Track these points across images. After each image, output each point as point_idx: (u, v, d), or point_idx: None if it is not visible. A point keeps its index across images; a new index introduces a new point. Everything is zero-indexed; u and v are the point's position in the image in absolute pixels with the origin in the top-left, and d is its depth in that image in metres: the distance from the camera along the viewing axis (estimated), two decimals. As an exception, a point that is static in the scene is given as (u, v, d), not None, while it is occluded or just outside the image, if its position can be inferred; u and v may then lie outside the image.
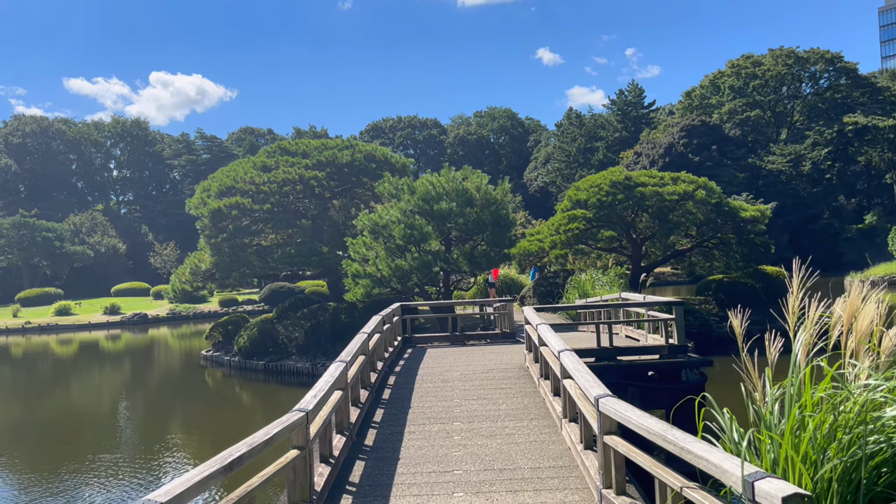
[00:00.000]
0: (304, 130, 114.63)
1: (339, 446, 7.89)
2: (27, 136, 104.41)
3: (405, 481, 7.27)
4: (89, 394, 27.49)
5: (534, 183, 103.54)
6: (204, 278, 29.74)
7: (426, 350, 16.68)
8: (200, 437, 18.81)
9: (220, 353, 30.34)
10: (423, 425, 9.46)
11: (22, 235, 79.34)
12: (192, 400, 24.66)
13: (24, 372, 34.84)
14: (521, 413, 9.94)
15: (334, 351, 26.21)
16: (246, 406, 23.48)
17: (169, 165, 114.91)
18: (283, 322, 29.10)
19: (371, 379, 11.25)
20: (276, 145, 32.95)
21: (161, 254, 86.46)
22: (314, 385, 7.36)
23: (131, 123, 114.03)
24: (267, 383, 25.80)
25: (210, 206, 27.31)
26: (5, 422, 22.10)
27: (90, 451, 16.88)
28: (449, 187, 25.01)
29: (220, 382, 27.23)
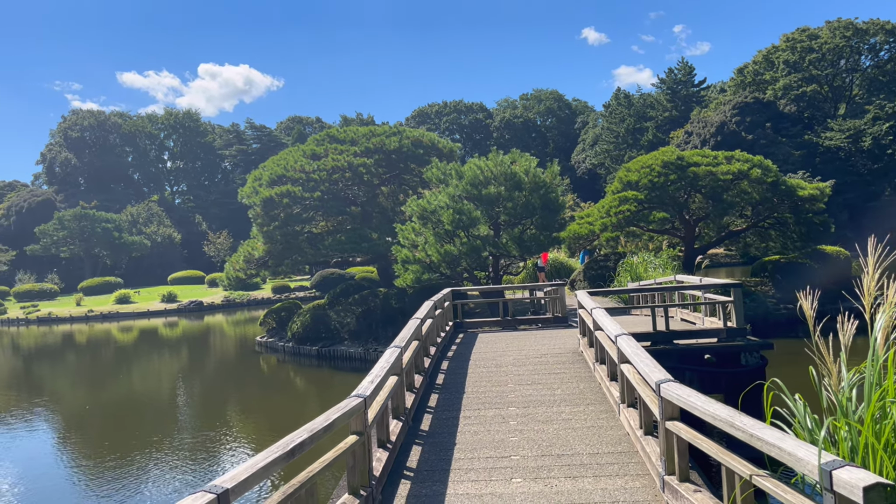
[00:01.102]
0: (350, 118, 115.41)
1: (396, 431, 7.93)
2: (85, 130, 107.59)
3: (462, 466, 7.26)
4: (149, 379, 28.30)
5: (581, 165, 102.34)
6: (257, 266, 30.27)
7: (477, 335, 16.66)
8: (257, 421, 19.18)
9: (274, 339, 30.90)
10: (478, 410, 9.44)
11: (83, 227, 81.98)
12: (247, 385, 25.18)
13: (88, 358, 36.08)
14: (576, 398, 9.84)
15: (385, 336, 26.46)
16: (300, 391, 23.85)
17: (220, 156, 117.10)
18: (335, 308, 29.45)
19: (424, 364, 11.28)
20: (325, 133, 33.21)
21: (214, 242, 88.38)
22: (370, 370, 7.40)
23: (183, 115, 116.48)
24: (320, 368, 26.17)
25: (262, 194, 27.71)
26: (72, 406, 22.92)
27: (152, 434, 17.41)
28: (497, 171, 24.83)
29: (275, 368, 27.71)
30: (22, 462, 15.54)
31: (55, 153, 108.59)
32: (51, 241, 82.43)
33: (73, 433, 19.05)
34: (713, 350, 13.23)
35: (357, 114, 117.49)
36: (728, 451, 5.08)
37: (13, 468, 14.96)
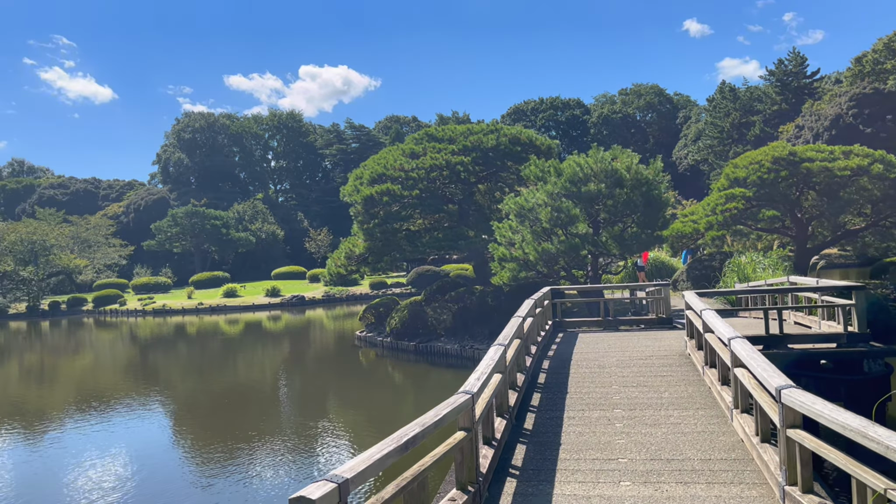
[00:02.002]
0: (446, 116, 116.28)
1: (500, 429, 7.92)
2: (196, 132, 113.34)
3: (568, 467, 7.18)
4: (254, 370, 29.48)
5: (683, 161, 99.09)
6: (357, 262, 31.00)
7: (577, 335, 16.43)
8: (356, 413, 19.63)
9: (373, 334, 31.56)
10: (583, 411, 9.31)
11: (194, 223, 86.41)
12: (346, 378, 25.82)
13: (198, 349, 37.99)
14: (685, 402, 9.54)
15: (481, 333, 26.54)
16: (398, 385, 24.24)
17: (321, 155, 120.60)
18: (432, 305, 29.77)
19: (526, 363, 11.22)
20: (423, 132, 33.61)
21: (315, 239, 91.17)
22: (469, 367, 7.43)
23: (286, 116, 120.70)
24: (417, 364, 26.51)
25: (362, 192, 28.36)
26: (183, 394, 24.18)
27: (257, 422, 18.13)
28: (597, 168, 24.39)
29: (374, 362, 28.28)
30: (139, 445, 16.51)
31: (169, 154, 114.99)
32: (165, 237, 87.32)
33: (184, 419, 20.08)
34: (831, 356, 12.53)
35: (453, 112, 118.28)
36: (859, 462, 4.79)
37: (131, 451, 15.93)
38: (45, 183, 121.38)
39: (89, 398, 23.16)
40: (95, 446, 16.21)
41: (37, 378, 29.97)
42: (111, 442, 16.72)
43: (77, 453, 15.63)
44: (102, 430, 18.03)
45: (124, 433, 17.82)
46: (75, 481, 13.34)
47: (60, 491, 12.79)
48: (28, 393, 25.80)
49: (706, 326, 10.21)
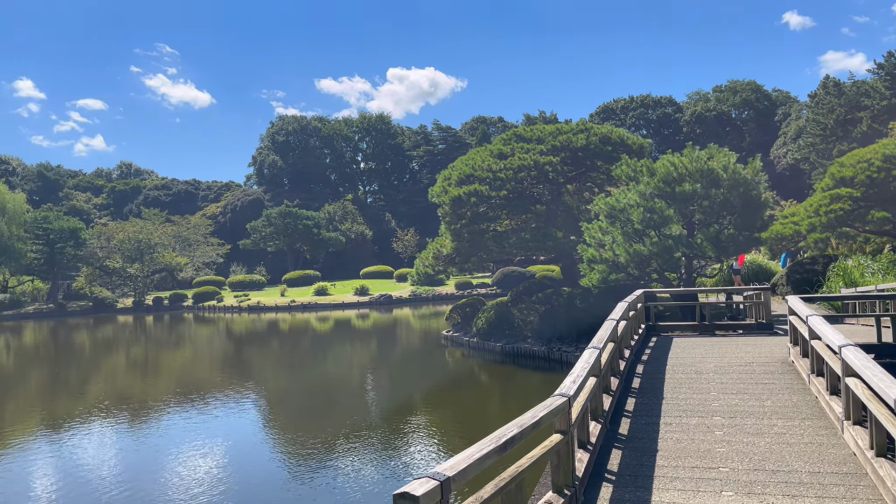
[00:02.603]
0: (533, 116, 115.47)
1: (595, 433, 7.79)
2: (290, 135, 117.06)
3: (666, 474, 6.98)
4: (342, 366, 30.14)
5: (782, 160, 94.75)
6: (445, 262, 31.22)
7: (672, 339, 15.97)
8: (443, 412, 19.75)
9: (459, 334, 31.70)
10: (680, 417, 9.03)
11: (287, 223, 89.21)
12: (433, 376, 26.02)
13: (290, 345, 39.19)
14: (789, 411, 9.10)
15: (569, 336, 26.21)
16: (484, 386, 24.23)
17: (408, 156, 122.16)
18: (518, 306, 29.64)
19: (620, 367, 10.99)
20: (511, 132, 33.50)
21: (402, 239, 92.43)
22: (556, 369, 7.34)
23: (376, 118, 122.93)
24: (503, 365, 26.44)
25: (450, 193, 28.52)
26: (276, 388, 24.97)
27: (345, 418, 18.50)
28: (692, 168, 23.65)
29: (460, 362, 28.40)
30: (234, 437, 17.16)
31: (264, 156, 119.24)
32: (259, 237, 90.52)
33: (277, 413, 20.73)
34: (952, 367, 11.67)
35: (540, 112, 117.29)
36: None
37: (228, 442, 16.57)
38: (150, 184, 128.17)
39: (188, 390, 24.27)
40: (194, 436, 16.96)
41: (142, 369, 31.65)
42: (208, 433, 17.45)
43: (178, 443, 16.39)
44: (200, 421, 18.85)
45: (220, 424, 18.56)
46: (176, 470, 14.00)
47: (162, 479, 13.43)
48: (134, 383, 27.27)
49: (812, 333, 9.72)
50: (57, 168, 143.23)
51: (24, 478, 13.99)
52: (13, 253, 72.05)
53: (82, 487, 12.96)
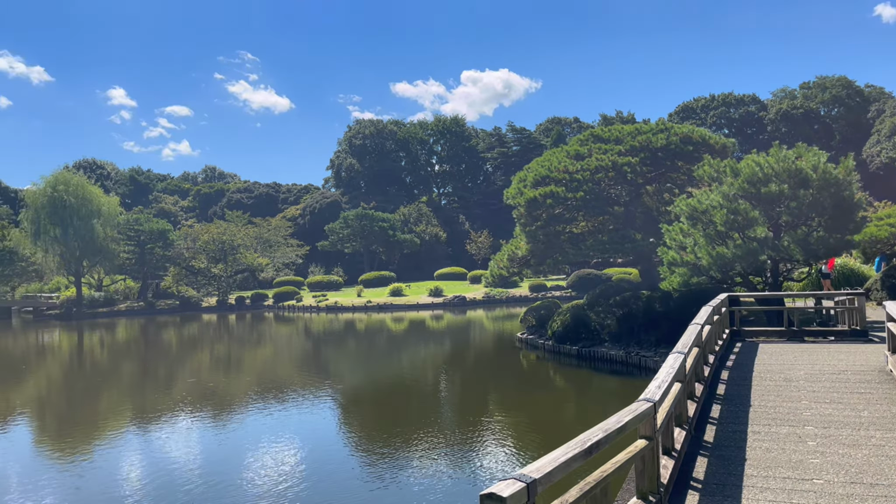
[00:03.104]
0: (610, 116, 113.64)
1: (680, 440, 7.59)
2: (366, 138, 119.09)
3: (756, 484, 6.73)
4: (417, 366, 30.36)
5: (875, 159, 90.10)
6: (520, 264, 31.08)
7: (758, 345, 15.41)
8: (517, 414, 19.61)
9: (534, 337, 31.47)
10: (768, 426, 8.70)
11: (363, 225, 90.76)
12: (507, 379, 25.91)
13: (366, 344, 39.79)
14: (889, 422, 8.64)
15: (647, 340, 25.64)
16: (559, 389, 23.97)
17: (482, 158, 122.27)
18: (595, 309, 29.19)
19: (704, 373, 10.68)
20: (588, 133, 33.07)
21: (476, 241, 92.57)
22: (655, 375, 7.17)
23: (450, 121, 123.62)
24: (579, 368, 26.09)
25: (526, 195, 28.38)
26: (352, 387, 25.37)
27: (419, 418, 18.64)
28: (779, 168, 22.73)
29: (534, 365, 28.19)
30: (313, 434, 17.52)
31: (341, 159, 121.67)
32: (337, 238, 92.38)
33: (352, 411, 21.05)
34: None
35: (616, 112, 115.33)
36: None
37: (306, 439, 16.94)
38: (233, 187, 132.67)
39: (268, 387, 24.96)
40: (273, 432, 17.42)
41: (224, 366, 32.76)
42: (287, 429, 17.89)
43: (258, 438, 16.87)
44: (279, 417, 19.35)
45: (298, 421, 18.98)
46: (257, 465, 14.41)
47: (244, 473, 13.84)
48: (217, 379, 28.26)
49: (915, 341, 9.21)
50: (147, 172, 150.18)
51: (115, 468, 14.70)
52: (107, 253, 75.96)
53: (169, 478, 13.51)
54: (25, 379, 30.32)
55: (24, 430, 19.54)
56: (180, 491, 12.62)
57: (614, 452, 5.65)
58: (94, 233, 74.10)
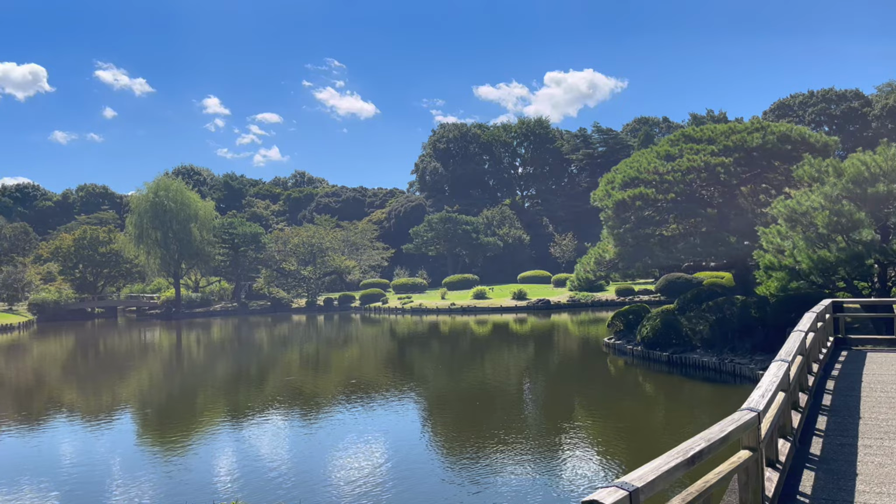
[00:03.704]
0: (700, 116, 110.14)
1: (784, 452, 7.24)
2: (450, 142, 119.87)
3: (868, 501, 6.34)
4: (499, 370, 30.21)
5: None
6: (607, 268, 30.51)
7: (865, 354, 14.56)
8: (605, 421, 19.23)
9: (622, 342, 30.81)
10: (881, 440, 8.18)
11: (447, 228, 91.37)
12: (593, 384, 25.45)
13: (450, 347, 39.96)
14: None
15: (742, 347, 24.67)
16: (648, 396, 23.36)
17: (567, 160, 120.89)
18: (686, 314, 28.32)
19: (808, 382, 10.16)
20: (679, 133, 32.13)
21: (560, 244, 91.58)
22: (758, 384, 6.86)
23: (534, 123, 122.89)
24: (670, 375, 25.36)
25: (614, 197, 27.84)
26: (436, 388, 25.46)
27: (504, 422, 18.51)
28: (887, 167, 21.45)
29: (622, 370, 27.59)
30: (396, 434, 17.67)
31: (426, 163, 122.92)
32: (421, 241, 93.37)
33: (437, 414, 21.11)
34: None
35: (707, 111, 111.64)
36: None
37: (389, 439, 17.12)
38: (322, 192, 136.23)
39: (355, 386, 25.42)
40: (359, 431, 17.70)
41: (313, 365, 33.59)
42: (373, 428, 18.13)
43: (344, 436, 17.18)
44: (365, 417, 19.63)
45: (383, 421, 19.19)
46: (343, 462, 14.67)
47: (330, 471, 14.12)
48: (306, 378, 29.00)
49: None
50: (240, 178, 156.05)
51: (210, 460, 15.29)
52: (204, 255, 79.40)
53: (259, 472, 13.94)
54: (130, 374, 32.02)
55: (129, 423, 20.61)
56: (272, 484, 12.99)
57: (716, 463, 5.44)
58: (191, 236, 77.60)
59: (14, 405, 24.12)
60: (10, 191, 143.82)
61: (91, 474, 14.39)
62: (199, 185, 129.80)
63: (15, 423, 20.48)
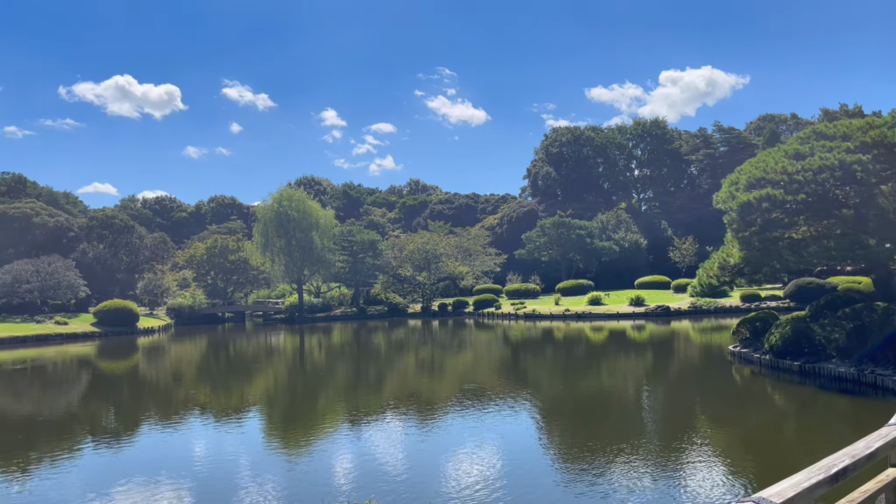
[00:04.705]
0: (833, 111, 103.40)
1: (939, 473, 6.62)
2: (563, 146, 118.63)
3: None
4: (618, 378, 29.47)
5: None
6: (731, 273, 29.09)
7: None
8: (729, 433, 18.31)
9: (748, 350, 29.32)
10: None
11: (560, 233, 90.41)
12: (716, 394, 24.33)
13: (564, 353, 39.43)
14: None
15: (884, 357, 22.82)
16: (777, 407, 22.08)
17: (686, 161, 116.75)
18: (819, 321, 26.61)
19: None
20: (810, 130, 30.20)
21: (679, 248, 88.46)
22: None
23: (651, 124, 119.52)
24: (802, 386, 23.88)
25: (738, 199, 26.50)
26: (550, 395, 25.14)
27: (622, 431, 17.98)
28: None
29: (748, 380, 26.25)
30: (510, 441, 17.52)
31: (538, 168, 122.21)
32: (534, 247, 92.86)
33: (552, 421, 20.81)
34: None
35: (840, 105, 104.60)
36: None
37: (503, 445, 17.03)
38: (435, 199, 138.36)
39: (468, 391, 25.54)
40: (473, 436, 17.72)
41: (428, 369, 34.07)
42: (486, 433, 18.10)
43: (458, 440, 17.25)
44: (478, 422, 19.64)
45: (497, 426, 19.09)
46: (458, 467, 14.73)
47: (445, 475, 14.21)
48: (421, 382, 29.44)
49: None
50: (358, 187, 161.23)
51: (330, 460, 15.80)
52: (325, 263, 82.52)
53: (376, 472, 14.24)
54: (257, 376, 33.69)
55: (256, 423, 21.67)
56: (391, 484, 13.26)
57: (860, 481, 5.05)
58: (312, 243, 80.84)
59: (155, 403, 25.94)
60: (150, 203, 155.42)
61: (221, 470, 15.24)
62: (319, 194, 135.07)
63: (156, 420, 22.01)
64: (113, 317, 62.72)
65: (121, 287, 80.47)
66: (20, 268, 64.62)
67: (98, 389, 30.74)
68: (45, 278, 64.55)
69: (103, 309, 63.40)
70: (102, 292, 75.86)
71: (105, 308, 63.50)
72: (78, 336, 57.52)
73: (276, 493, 13.17)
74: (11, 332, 53.31)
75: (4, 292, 63.16)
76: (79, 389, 30.44)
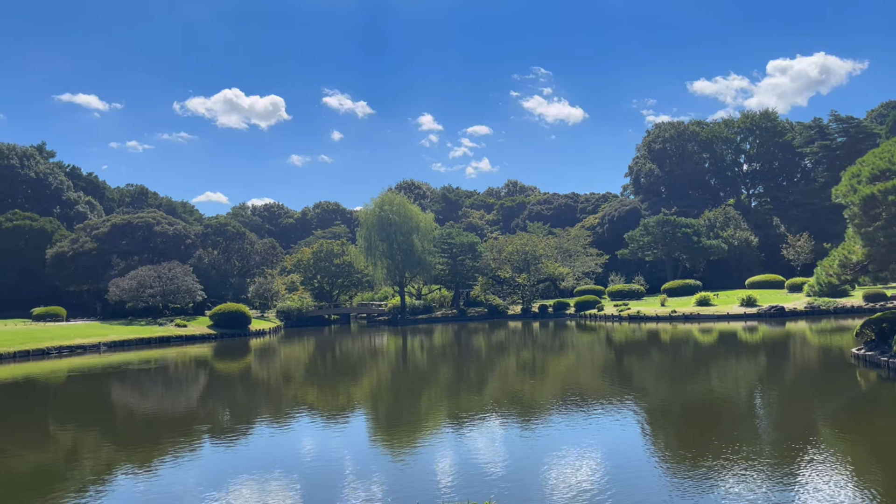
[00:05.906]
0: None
1: None
2: (666, 142, 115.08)
3: None
4: (729, 382, 28.19)
5: None
6: (854, 271, 27.29)
7: None
8: (853, 441, 17.15)
9: (874, 353, 27.41)
10: None
11: (664, 232, 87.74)
12: (837, 400, 22.82)
13: (671, 356, 38.14)
14: None
15: None
16: (909, 415, 20.49)
17: (799, 154, 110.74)
18: (956, 323, 24.53)
19: None
20: (941, 114, 28.00)
21: (794, 245, 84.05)
22: None
23: (760, 116, 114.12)
24: (937, 392, 22.10)
25: (861, 192, 24.85)
26: (657, 400, 24.31)
27: (734, 439, 17.14)
28: None
29: (875, 385, 24.53)
30: (614, 445, 17.08)
31: (640, 165, 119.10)
32: (637, 246, 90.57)
33: (658, 426, 20.09)
34: None
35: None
36: None
37: (607, 450, 16.61)
38: (533, 200, 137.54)
39: (572, 394, 25.12)
40: (576, 439, 17.41)
41: (530, 371, 33.80)
42: (590, 437, 17.73)
43: (561, 443, 16.98)
44: (582, 425, 19.27)
45: (601, 431, 18.64)
46: (561, 471, 14.49)
47: (548, 478, 14.01)
48: (523, 384, 29.23)
49: None
50: (456, 189, 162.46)
51: (432, 461, 15.90)
52: (425, 265, 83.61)
53: (477, 474, 14.22)
54: (362, 377, 34.50)
55: (361, 423, 22.16)
56: (485, 485, 13.21)
57: None
58: (413, 247, 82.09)
59: (268, 403, 27.03)
60: (259, 210, 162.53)
61: (329, 468, 15.67)
62: (419, 198, 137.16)
63: (269, 419, 22.92)
64: (227, 319, 65.88)
65: (234, 291, 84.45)
66: (144, 273, 68.95)
67: (214, 388, 32.35)
68: (166, 283, 68.60)
69: (218, 312, 66.70)
70: (217, 296, 79.86)
71: (220, 311, 66.78)
72: (196, 338, 60.80)
73: (384, 492, 13.39)
74: (138, 334, 57.01)
75: (131, 297, 67.58)
76: (197, 388, 32.12)
